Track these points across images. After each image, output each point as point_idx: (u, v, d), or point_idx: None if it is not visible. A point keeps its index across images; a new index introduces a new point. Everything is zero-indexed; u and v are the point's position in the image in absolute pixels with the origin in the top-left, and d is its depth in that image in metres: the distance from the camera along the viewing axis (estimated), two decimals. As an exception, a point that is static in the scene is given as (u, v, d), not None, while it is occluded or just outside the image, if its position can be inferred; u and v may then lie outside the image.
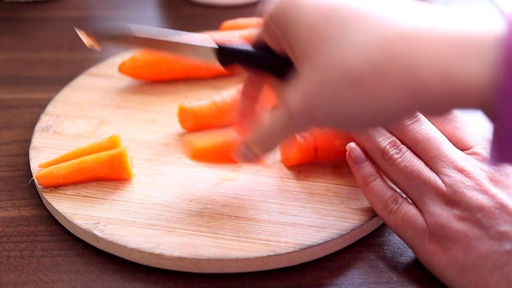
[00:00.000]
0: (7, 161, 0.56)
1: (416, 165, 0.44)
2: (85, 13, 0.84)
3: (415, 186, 0.43)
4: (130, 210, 0.48)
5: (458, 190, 0.41)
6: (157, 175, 0.52)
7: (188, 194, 0.50)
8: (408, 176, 0.43)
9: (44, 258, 0.46)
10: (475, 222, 0.41)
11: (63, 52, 0.74)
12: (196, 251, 0.44)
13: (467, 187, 0.42)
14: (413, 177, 0.43)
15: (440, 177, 0.43)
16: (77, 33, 0.44)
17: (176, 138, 0.57)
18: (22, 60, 0.72)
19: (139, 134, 0.57)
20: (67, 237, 0.48)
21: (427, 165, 0.44)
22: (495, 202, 0.41)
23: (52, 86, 0.66)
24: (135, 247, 0.44)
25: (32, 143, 0.55)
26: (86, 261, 0.46)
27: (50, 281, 0.44)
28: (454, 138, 0.46)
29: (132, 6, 0.86)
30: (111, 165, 0.50)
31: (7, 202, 0.51)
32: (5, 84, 0.67)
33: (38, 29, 0.79)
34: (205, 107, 0.57)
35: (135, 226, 0.46)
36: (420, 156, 0.44)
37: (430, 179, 0.43)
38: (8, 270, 0.45)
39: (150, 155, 0.54)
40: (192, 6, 0.85)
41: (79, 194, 0.49)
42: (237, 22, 0.69)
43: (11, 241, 0.47)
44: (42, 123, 0.58)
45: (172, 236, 0.45)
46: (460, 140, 0.46)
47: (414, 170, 0.43)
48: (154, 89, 0.64)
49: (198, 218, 0.47)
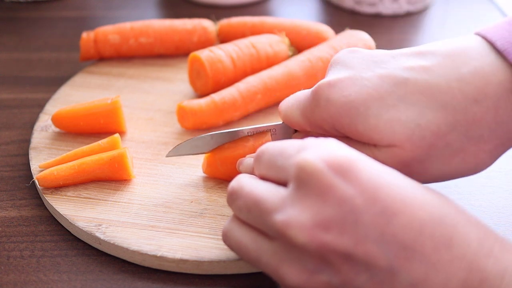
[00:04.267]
0: (7, 161, 0.56)
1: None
2: (85, 13, 0.84)
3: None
4: (132, 212, 0.48)
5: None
6: (157, 175, 0.52)
7: (188, 195, 0.50)
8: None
9: (44, 258, 0.46)
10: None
11: (63, 52, 0.73)
12: (198, 253, 0.44)
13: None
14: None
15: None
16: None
17: (175, 137, 0.56)
18: (22, 60, 0.72)
19: (138, 133, 0.57)
20: (67, 237, 0.48)
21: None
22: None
23: (52, 86, 0.66)
24: (137, 249, 0.44)
25: (32, 143, 0.55)
26: (86, 261, 0.46)
27: (50, 281, 0.44)
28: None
29: (132, 6, 0.86)
30: (111, 166, 0.50)
31: (7, 202, 0.51)
32: (5, 84, 0.67)
33: (38, 29, 0.79)
34: (204, 106, 0.56)
35: (136, 228, 0.46)
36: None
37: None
38: (8, 270, 0.45)
39: (150, 154, 0.54)
40: (192, 6, 0.85)
41: (80, 196, 0.49)
42: (232, 21, 0.69)
43: (11, 241, 0.47)
44: (41, 123, 0.58)
45: (174, 238, 0.45)
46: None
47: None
48: (153, 88, 0.64)
49: (199, 219, 0.47)
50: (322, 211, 0.34)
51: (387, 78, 0.40)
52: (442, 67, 0.39)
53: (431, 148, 0.39)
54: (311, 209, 0.34)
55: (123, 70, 0.66)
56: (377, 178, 0.35)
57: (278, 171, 0.38)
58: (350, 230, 0.34)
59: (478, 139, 0.39)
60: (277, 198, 0.36)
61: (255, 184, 0.38)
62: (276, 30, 0.66)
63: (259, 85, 0.58)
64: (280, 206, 0.36)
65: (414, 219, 0.34)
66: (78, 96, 0.62)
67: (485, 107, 0.38)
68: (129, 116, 0.59)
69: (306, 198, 0.35)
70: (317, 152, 0.36)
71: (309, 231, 0.34)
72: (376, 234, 0.34)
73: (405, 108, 0.39)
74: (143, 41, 0.67)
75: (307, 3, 0.88)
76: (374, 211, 0.34)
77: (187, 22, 0.68)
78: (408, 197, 0.35)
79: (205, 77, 0.60)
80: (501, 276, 0.35)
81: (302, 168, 0.35)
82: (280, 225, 0.35)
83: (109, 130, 0.56)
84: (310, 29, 0.67)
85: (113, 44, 0.67)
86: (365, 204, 0.34)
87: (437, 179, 0.42)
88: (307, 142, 0.38)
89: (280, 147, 0.39)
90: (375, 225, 0.34)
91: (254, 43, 0.62)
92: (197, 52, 0.61)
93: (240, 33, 0.68)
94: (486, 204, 0.51)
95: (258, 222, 0.37)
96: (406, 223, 0.34)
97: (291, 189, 0.36)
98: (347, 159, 0.35)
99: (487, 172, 0.54)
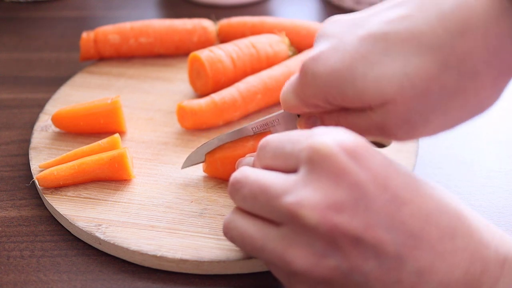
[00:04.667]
0: (7, 161, 0.56)
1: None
2: (85, 13, 0.84)
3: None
4: (132, 212, 0.48)
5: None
6: (157, 175, 0.52)
7: (188, 194, 0.50)
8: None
9: (44, 258, 0.46)
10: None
11: (63, 52, 0.73)
12: (198, 253, 0.44)
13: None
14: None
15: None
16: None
17: (175, 137, 0.56)
18: (22, 60, 0.72)
19: (138, 133, 0.57)
20: (67, 237, 0.48)
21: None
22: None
23: (52, 86, 0.66)
24: (137, 249, 0.44)
25: (32, 143, 0.55)
26: (86, 261, 0.46)
27: (50, 281, 0.44)
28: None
29: (132, 6, 0.86)
30: (111, 166, 0.50)
31: (7, 202, 0.51)
32: (5, 84, 0.67)
33: (38, 29, 0.79)
34: (204, 106, 0.56)
35: (136, 228, 0.46)
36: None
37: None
38: (8, 270, 0.45)
39: (149, 154, 0.54)
40: (192, 6, 0.85)
41: (80, 196, 0.49)
42: (232, 21, 0.69)
43: (11, 241, 0.47)
44: (41, 123, 0.58)
45: (174, 238, 0.45)
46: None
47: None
48: (153, 88, 0.64)
49: (199, 219, 0.47)
50: (335, 193, 0.34)
51: (368, 36, 0.39)
52: (422, 10, 0.38)
53: (425, 96, 0.37)
54: (324, 191, 0.34)
55: (123, 70, 0.66)
56: (388, 166, 0.36)
57: (287, 157, 0.37)
58: (361, 214, 0.34)
59: (474, 74, 0.37)
60: (286, 182, 0.36)
61: (261, 172, 0.38)
62: (276, 30, 0.66)
63: (259, 85, 0.58)
64: (290, 189, 0.35)
65: (422, 208, 0.35)
66: (78, 96, 0.62)
67: (472, 39, 0.36)
68: (129, 116, 0.59)
69: (319, 179, 0.35)
70: (330, 136, 0.36)
71: (321, 211, 0.34)
72: (386, 220, 0.34)
73: (390, 61, 0.37)
74: (143, 41, 0.67)
75: (307, 3, 0.88)
76: (385, 198, 0.34)
77: (187, 22, 0.68)
78: (417, 187, 0.36)
79: (205, 77, 0.60)
80: (500, 265, 0.36)
81: (316, 150, 0.35)
82: (291, 206, 0.35)
83: (109, 130, 0.56)
84: (310, 29, 0.67)
85: (113, 44, 0.67)
86: (377, 191, 0.34)
87: (446, 128, 0.41)
88: (316, 130, 0.38)
89: (287, 135, 0.38)
90: (385, 211, 0.34)
91: (254, 43, 0.62)
92: (197, 52, 0.61)
93: (240, 33, 0.68)
94: (486, 204, 0.51)
95: (264, 209, 0.37)
96: (414, 211, 0.35)
97: (303, 173, 0.36)
98: (360, 144, 0.36)
99: (487, 172, 0.54)
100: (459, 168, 0.55)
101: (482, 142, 0.59)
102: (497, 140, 0.59)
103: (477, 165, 0.56)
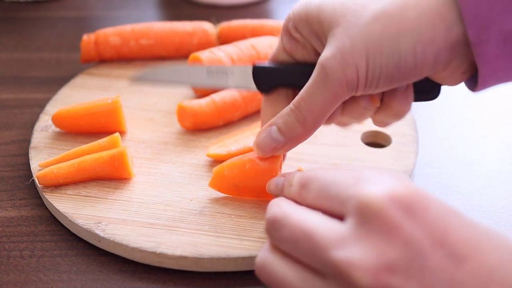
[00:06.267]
0: (7, 161, 0.56)
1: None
2: (85, 13, 0.84)
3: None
4: (131, 210, 0.48)
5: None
6: (157, 174, 0.52)
7: (188, 193, 0.50)
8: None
9: (44, 258, 0.46)
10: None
11: (63, 52, 0.74)
12: (198, 250, 0.44)
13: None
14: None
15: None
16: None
17: (175, 137, 0.56)
18: (22, 60, 0.72)
19: (138, 133, 0.57)
20: (67, 237, 0.48)
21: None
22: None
23: (52, 86, 0.66)
24: (137, 246, 0.44)
25: (32, 142, 0.55)
26: (86, 261, 0.46)
27: (50, 281, 0.44)
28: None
29: (132, 6, 0.86)
30: (111, 165, 0.50)
31: (7, 202, 0.51)
32: (5, 84, 0.67)
33: (38, 29, 0.79)
34: (204, 106, 0.56)
35: (136, 226, 0.46)
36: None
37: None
38: (8, 270, 0.45)
39: (150, 154, 0.54)
40: (192, 6, 0.85)
41: (79, 194, 0.49)
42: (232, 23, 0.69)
43: (11, 241, 0.47)
44: (41, 123, 0.58)
45: (173, 235, 0.45)
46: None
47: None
48: (153, 89, 0.64)
49: (199, 217, 0.47)
50: (388, 252, 0.31)
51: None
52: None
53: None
54: (375, 249, 0.32)
55: (124, 72, 0.66)
56: (445, 218, 0.33)
57: (332, 202, 0.35)
58: (417, 274, 0.31)
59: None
60: (334, 232, 0.33)
61: (303, 214, 0.35)
62: (276, 32, 0.66)
63: (259, 85, 0.58)
64: (339, 242, 0.33)
65: (484, 264, 0.32)
66: (78, 97, 0.62)
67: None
68: (129, 116, 0.59)
69: (369, 236, 0.32)
70: (380, 187, 0.33)
71: (374, 272, 0.31)
72: (443, 280, 0.31)
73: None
74: (143, 43, 0.67)
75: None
76: (442, 256, 0.31)
77: (188, 24, 0.68)
78: (477, 240, 0.32)
79: (205, 77, 0.60)
80: None
81: (365, 204, 0.33)
82: (340, 263, 0.32)
83: (109, 129, 0.56)
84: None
85: (114, 46, 0.67)
86: (432, 247, 0.32)
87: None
88: (364, 174, 0.35)
89: (332, 176, 0.36)
90: (442, 270, 0.31)
91: (254, 44, 0.62)
92: (197, 53, 0.61)
93: (241, 36, 0.68)
94: (486, 204, 0.51)
95: (308, 257, 0.34)
96: (474, 269, 0.31)
97: (352, 225, 0.33)
98: (414, 195, 0.33)
99: (487, 172, 0.54)
100: (459, 168, 0.55)
101: (482, 142, 0.59)
102: (497, 140, 0.59)
103: (477, 165, 0.56)
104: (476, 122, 0.62)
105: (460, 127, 0.61)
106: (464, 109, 0.64)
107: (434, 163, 0.56)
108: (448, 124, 0.61)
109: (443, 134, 0.60)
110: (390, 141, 0.56)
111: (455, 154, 0.57)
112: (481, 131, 0.60)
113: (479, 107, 0.65)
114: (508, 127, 0.61)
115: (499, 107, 0.65)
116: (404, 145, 0.55)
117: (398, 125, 0.57)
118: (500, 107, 0.65)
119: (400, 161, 0.53)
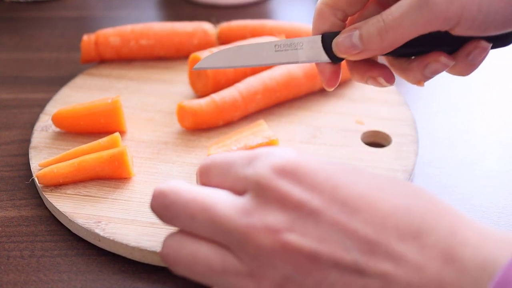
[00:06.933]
0: (7, 161, 0.56)
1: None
2: (85, 13, 0.84)
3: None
4: (131, 209, 0.48)
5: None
6: (157, 174, 0.52)
7: (188, 193, 0.50)
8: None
9: (44, 258, 0.46)
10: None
11: (63, 52, 0.74)
12: (197, 249, 0.44)
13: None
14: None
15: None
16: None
17: (175, 137, 0.57)
18: (22, 60, 0.72)
19: (138, 133, 0.57)
20: (67, 237, 0.48)
21: None
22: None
23: (52, 86, 0.66)
24: (137, 245, 0.44)
25: (32, 142, 0.55)
26: (86, 261, 0.46)
27: (50, 281, 0.44)
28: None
29: (132, 6, 0.86)
30: (111, 164, 0.50)
31: (7, 202, 0.51)
32: (5, 84, 0.67)
33: (38, 29, 0.79)
34: (204, 106, 0.56)
35: (136, 225, 0.46)
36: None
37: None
38: (8, 270, 0.45)
39: (149, 153, 0.54)
40: (192, 6, 0.85)
41: (79, 193, 0.49)
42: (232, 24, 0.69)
43: (11, 241, 0.47)
44: (42, 123, 0.58)
45: (173, 235, 0.45)
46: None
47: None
48: (153, 89, 0.64)
49: (198, 217, 0.47)
50: (283, 215, 0.35)
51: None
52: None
53: None
54: (272, 215, 0.35)
55: (124, 72, 0.66)
56: (334, 177, 0.35)
57: (234, 183, 0.38)
58: (312, 230, 0.34)
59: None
60: (234, 204, 0.36)
61: (197, 189, 0.37)
62: (276, 33, 0.66)
63: (259, 85, 0.58)
64: (239, 212, 0.35)
65: (376, 213, 0.34)
66: (78, 97, 0.62)
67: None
68: (129, 116, 0.59)
69: (266, 205, 0.35)
70: (267, 162, 0.36)
71: (273, 233, 0.34)
72: (337, 231, 0.34)
73: None
74: (143, 43, 0.67)
75: (307, 3, 0.88)
76: (335, 210, 0.34)
77: (188, 24, 0.68)
78: (369, 192, 0.35)
79: (205, 78, 0.60)
80: (482, 267, 0.32)
81: (256, 180, 0.36)
82: (244, 229, 0.35)
83: (109, 129, 0.56)
84: (309, 32, 0.67)
85: (114, 46, 0.67)
86: (324, 204, 0.34)
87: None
88: (257, 152, 0.38)
89: (230, 158, 0.39)
90: (336, 223, 0.34)
91: (254, 44, 0.62)
92: (197, 52, 0.61)
93: (241, 36, 0.68)
94: (486, 204, 0.51)
95: (208, 230, 0.36)
96: (367, 217, 0.34)
97: (250, 198, 0.36)
98: (297, 163, 0.36)
99: (487, 172, 0.54)
100: (459, 168, 0.55)
101: (482, 142, 0.59)
102: (497, 140, 0.59)
103: (477, 165, 0.56)
104: (476, 122, 0.62)
105: (460, 127, 0.61)
106: (464, 109, 0.64)
107: (434, 163, 0.56)
108: (448, 124, 0.61)
109: (443, 134, 0.60)
110: (390, 141, 0.56)
111: (455, 154, 0.57)
112: (481, 131, 0.60)
113: (479, 107, 0.65)
114: (508, 127, 0.61)
115: (499, 107, 0.65)
116: (404, 145, 0.55)
117: (398, 125, 0.57)
118: (500, 107, 0.65)
119: (400, 161, 0.53)
